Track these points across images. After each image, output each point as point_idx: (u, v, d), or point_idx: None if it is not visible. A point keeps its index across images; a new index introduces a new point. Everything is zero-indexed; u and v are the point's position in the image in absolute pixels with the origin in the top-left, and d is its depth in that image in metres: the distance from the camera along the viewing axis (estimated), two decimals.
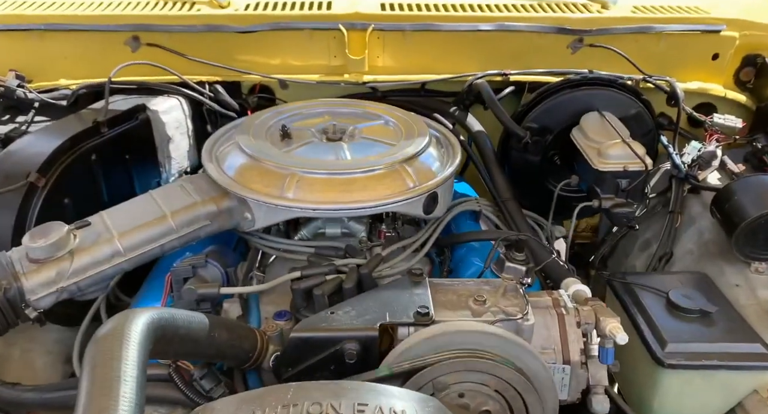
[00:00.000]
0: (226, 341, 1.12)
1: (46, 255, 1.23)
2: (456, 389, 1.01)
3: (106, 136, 1.66)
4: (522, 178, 1.88)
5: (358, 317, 1.11)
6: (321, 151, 1.50)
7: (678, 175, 1.94)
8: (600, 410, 1.21)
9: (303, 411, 0.82)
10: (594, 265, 2.20)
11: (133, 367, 0.82)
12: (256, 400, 0.86)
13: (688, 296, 1.53)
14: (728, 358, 1.38)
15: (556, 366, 1.12)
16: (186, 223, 1.34)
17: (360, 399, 0.85)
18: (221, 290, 1.23)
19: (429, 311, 1.11)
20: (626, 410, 1.33)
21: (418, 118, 1.72)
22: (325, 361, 1.08)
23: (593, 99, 1.76)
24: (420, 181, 1.44)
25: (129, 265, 1.31)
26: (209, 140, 1.63)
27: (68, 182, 1.53)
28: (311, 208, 1.34)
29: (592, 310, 1.18)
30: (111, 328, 0.89)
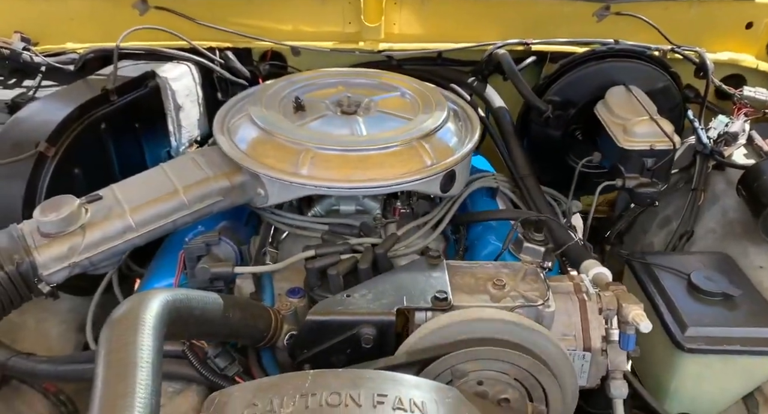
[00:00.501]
0: (240, 321, 1.10)
1: (58, 229, 1.20)
2: (474, 377, 0.99)
3: (115, 104, 1.61)
4: (541, 153, 1.83)
5: (375, 301, 1.09)
6: (335, 125, 1.45)
7: (703, 150, 1.88)
8: (618, 395, 1.19)
9: (321, 401, 0.80)
10: (609, 240, 2.16)
11: (149, 352, 0.80)
12: (273, 388, 0.85)
13: (710, 278, 1.49)
14: (750, 343, 1.35)
15: (576, 353, 1.10)
16: (198, 198, 1.31)
17: (379, 389, 0.84)
18: (235, 269, 1.21)
19: (447, 296, 1.08)
20: (644, 395, 1.31)
21: (436, 90, 1.66)
22: (341, 344, 1.06)
23: (619, 72, 1.68)
24: (438, 158, 1.39)
25: (141, 240, 1.28)
26: (221, 111, 1.59)
27: (78, 152, 1.49)
28: (326, 186, 1.30)
29: (615, 296, 1.15)
30: (126, 311, 0.86)
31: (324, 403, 0.80)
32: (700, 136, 1.88)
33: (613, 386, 1.19)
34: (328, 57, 1.99)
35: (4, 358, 1.33)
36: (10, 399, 1.49)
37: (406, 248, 1.43)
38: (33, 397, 1.52)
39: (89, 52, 1.82)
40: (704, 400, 1.46)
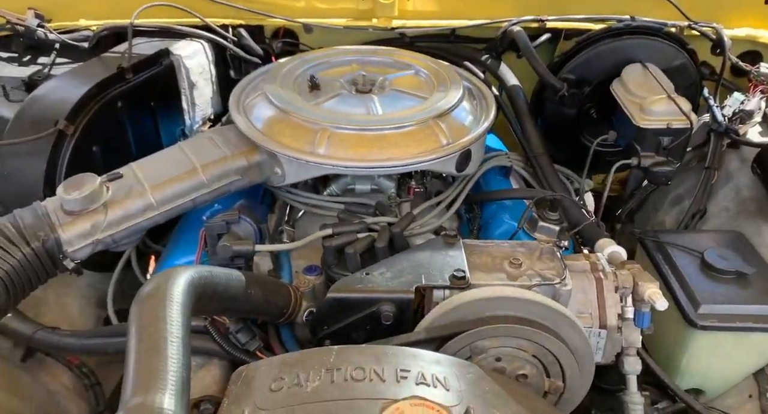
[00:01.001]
0: (261, 297, 1.13)
1: (81, 207, 1.22)
2: (493, 353, 1.01)
3: (131, 82, 1.62)
4: (555, 132, 1.82)
5: (393, 279, 1.10)
6: (351, 104, 1.45)
7: (717, 128, 1.87)
8: (632, 371, 1.22)
9: (347, 375, 0.82)
10: (621, 219, 2.16)
11: (179, 327, 0.82)
12: (299, 363, 0.87)
13: (724, 257, 1.50)
14: (763, 320, 1.37)
15: (592, 330, 1.11)
16: (217, 177, 1.32)
17: (401, 365, 0.86)
18: (256, 248, 1.23)
19: (465, 275, 1.09)
20: (657, 371, 1.33)
21: (450, 68, 1.66)
22: (361, 321, 1.08)
23: (636, 49, 1.67)
24: (453, 138, 1.39)
25: (161, 218, 1.30)
26: (236, 89, 1.59)
27: (96, 130, 1.51)
28: (343, 166, 1.31)
29: (631, 274, 1.16)
30: (154, 287, 0.89)
31: (349, 378, 0.82)
32: (715, 113, 1.87)
33: (627, 362, 1.22)
34: (340, 34, 1.98)
35: (30, 332, 1.37)
36: (35, 371, 1.53)
37: (420, 227, 1.45)
38: (57, 369, 1.57)
39: (103, 30, 1.82)
40: (715, 376, 1.48)
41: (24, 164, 1.44)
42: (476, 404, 0.81)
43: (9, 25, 1.80)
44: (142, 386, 0.73)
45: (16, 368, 1.51)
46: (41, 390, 1.51)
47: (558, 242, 1.20)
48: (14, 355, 1.52)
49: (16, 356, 1.52)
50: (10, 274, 1.12)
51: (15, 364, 1.51)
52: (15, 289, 1.13)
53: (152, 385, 0.73)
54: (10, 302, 1.12)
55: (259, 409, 0.78)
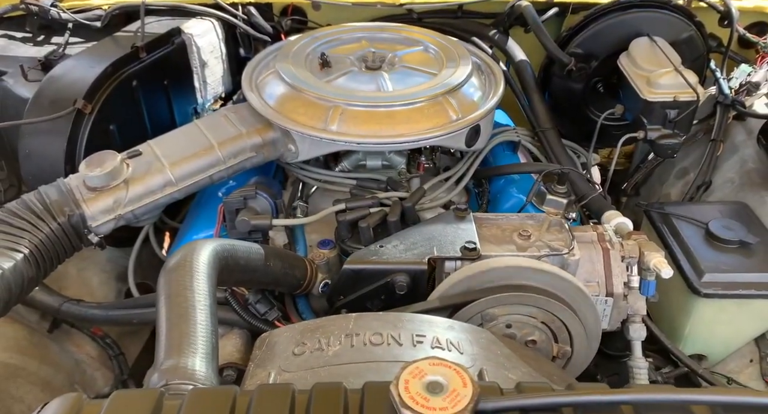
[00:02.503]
0: (279, 270, 1.17)
1: (103, 183, 1.26)
2: (503, 321, 1.06)
3: (145, 61, 1.65)
4: (563, 106, 1.84)
5: (407, 251, 1.15)
6: (362, 81, 1.48)
7: (724, 101, 1.88)
8: (637, 337, 1.26)
9: (365, 340, 0.87)
10: (627, 192, 2.19)
11: (205, 296, 0.87)
12: (319, 329, 0.92)
13: (728, 227, 1.53)
14: (765, 287, 1.41)
15: (599, 298, 1.16)
16: (233, 154, 1.36)
17: (417, 330, 0.90)
18: (273, 222, 1.27)
19: (476, 246, 1.13)
20: (661, 338, 1.38)
21: (459, 43, 1.67)
22: (376, 291, 1.13)
23: (643, 22, 1.68)
24: (463, 113, 1.42)
25: (180, 194, 1.34)
26: (248, 67, 1.62)
27: (113, 109, 1.54)
28: (356, 142, 1.34)
29: (637, 244, 1.20)
30: (180, 259, 0.93)
31: (368, 342, 0.86)
32: (721, 86, 1.88)
33: (632, 329, 1.26)
34: (348, 11, 1.98)
35: (57, 304, 1.43)
36: (61, 341, 1.60)
37: (431, 202, 1.48)
38: (82, 339, 1.63)
39: (115, 9, 1.83)
40: (717, 342, 1.53)
41: (45, 143, 1.48)
42: (489, 366, 0.86)
43: (23, 5, 1.82)
44: (174, 350, 0.78)
45: (45, 338, 1.58)
46: (69, 359, 1.57)
47: (565, 214, 1.24)
48: (42, 327, 1.59)
49: (44, 328, 1.59)
50: (39, 247, 1.17)
51: (44, 335, 1.58)
52: (44, 262, 1.18)
53: (184, 349, 0.78)
54: (40, 275, 1.17)
55: (283, 371, 0.83)
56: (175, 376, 0.73)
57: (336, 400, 0.67)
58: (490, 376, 0.83)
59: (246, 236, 1.28)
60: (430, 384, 0.66)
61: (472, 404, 0.63)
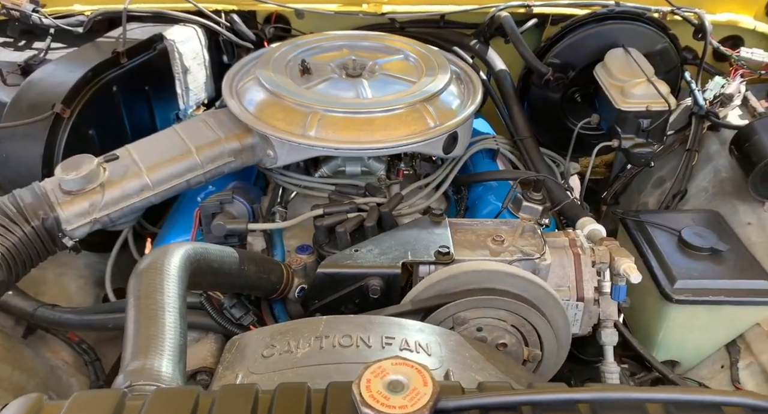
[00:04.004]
0: (255, 274, 1.18)
1: (79, 187, 1.26)
2: (474, 324, 1.07)
3: (126, 66, 1.65)
4: (541, 115, 1.87)
5: (381, 255, 1.16)
6: (341, 88, 1.49)
7: (698, 112, 1.92)
8: (609, 342, 1.28)
9: (335, 342, 0.88)
10: (606, 201, 2.22)
11: (175, 298, 0.87)
12: (289, 332, 0.92)
13: (700, 235, 1.56)
14: (734, 293, 1.43)
15: (570, 302, 1.17)
16: (211, 158, 1.37)
17: (387, 333, 0.91)
18: (249, 226, 1.28)
19: (449, 250, 1.15)
20: (633, 343, 1.39)
21: (439, 52, 1.70)
22: (350, 295, 1.14)
23: (619, 34, 1.71)
24: (441, 120, 1.44)
25: (157, 198, 1.35)
26: (229, 73, 1.63)
27: (92, 113, 1.55)
28: (333, 147, 1.35)
29: (608, 250, 1.22)
30: (151, 261, 0.93)
31: (337, 344, 0.87)
32: (696, 97, 1.92)
33: (604, 334, 1.28)
34: (331, 20, 2.01)
35: (31, 309, 1.42)
36: (36, 347, 1.58)
37: (409, 208, 1.50)
38: (58, 345, 1.62)
39: (97, 15, 1.84)
40: (690, 348, 1.55)
41: (22, 147, 1.48)
42: (456, 368, 0.87)
43: (4, 10, 1.83)
44: (141, 351, 0.78)
45: (19, 344, 1.56)
46: (44, 365, 1.56)
47: (539, 220, 1.26)
48: (16, 332, 1.57)
49: (18, 333, 1.57)
50: (11, 250, 1.16)
51: (18, 340, 1.57)
52: (16, 266, 1.17)
53: (151, 351, 0.78)
54: (11, 278, 1.17)
55: (251, 373, 0.83)
56: (140, 377, 0.73)
57: (299, 400, 0.68)
58: (456, 377, 0.85)
59: (222, 241, 1.28)
60: (391, 383, 0.67)
61: (431, 402, 0.64)
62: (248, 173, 1.66)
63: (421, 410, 0.63)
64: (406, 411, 0.63)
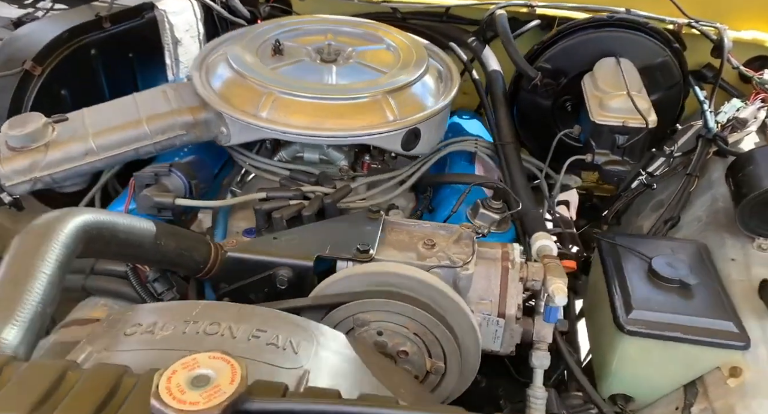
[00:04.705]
0: (174, 250, 1.15)
1: (23, 144, 1.27)
2: (375, 327, 1.01)
3: (107, 31, 1.66)
4: (530, 122, 1.78)
5: (299, 246, 1.12)
6: (308, 71, 1.45)
7: (706, 135, 1.79)
8: (539, 365, 1.21)
9: (200, 329, 0.84)
10: (607, 220, 2.12)
11: (50, 263, 0.85)
12: (165, 312, 0.89)
13: (671, 265, 1.45)
14: (694, 332, 1.32)
15: (491, 317, 1.10)
16: (160, 130, 1.35)
17: (261, 325, 0.87)
18: (177, 201, 1.25)
19: (369, 248, 1.10)
20: (573, 370, 1.31)
21: (423, 46, 1.63)
22: (259, 283, 1.10)
23: (616, 43, 1.60)
24: (402, 115, 1.38)
25: (102, 164, 1.34)
26: (205, 47, 1.61)
27: (65, 74, 1.56)
28: (281, 131, 1.32)
29: (543, 267, 1.15)
30: (42, 222, 0.92)
31: (201, 331, 0.84)
32: (707, 119, 1.79)
33: (535, 356, 1.21)
34: (333, 5, 1.97)
35: None
36: None
37: (364, 202, 1.45)
38: None
39: None
40: (644, 383, 1.45)
41: None
42: (321, 371, 0.82)
43: None
44: None
45: None
46: None
47: (476, 228, 1.19)
48: None
49: None
50: None
51: None
52: None
53: None
54: None
55: (103, 350, 0.81)
56: None
57: (106, 383, 0.65)
58: (313, 380, 0.80)
59: (155, 214, 1.27)
60: (197, 377, 0.63)
61: (228, 402, 0.60)
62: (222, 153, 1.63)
63: (211, 409, 0.59)
64: (196, 408, 0.59)
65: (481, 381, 1.42)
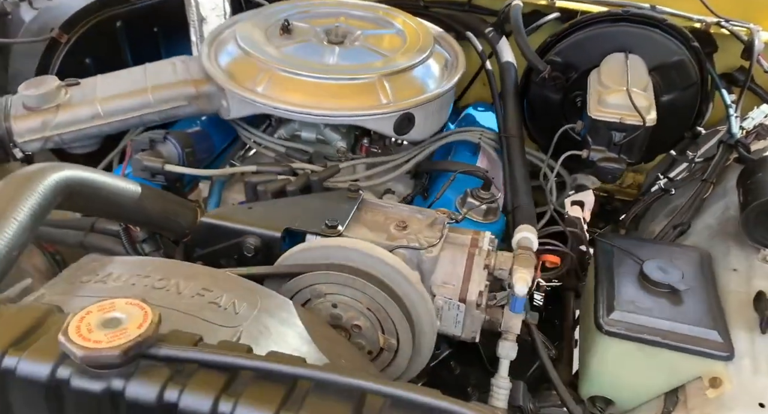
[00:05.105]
0: (159, 213, 1.21)
1: (36, 104, 1.36)
2: (330, 299, 1.04)
3: (134, 5, 1.74)
4: (540, 116, 1.75)
5: (271, 217, 1.15)
6: (311, 52, 1.48)
7: (727, 140, 1.72)
8: (503, 355, 1.21)
9: (150, 282, 0.89)
10: (625, 224, 2.07)
11: (22, 211, 0.92)
12: (127, 265, 0.95)
13: (663, 269, 1.41)
14: (674, 338, 1.29)
15: (452, 302, 1.11)
16: (164, 100, 1.42)
17: (210, 285, 0.91)
18: (166, 167, 1.31)
19: (337, 224, 1.12)
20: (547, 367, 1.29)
21: (430, 33, 1.63)
22: (228, 249, 1.14)
23: (630, 38, 1.56)
24: (396, 98, 1.39)
25: (110, 129, 1.42)
26: (222, 24, 1.67)
27: (90, 43, 1.65)
28: (273, 106, 1.35)
29: (511, 257, 1.14)
30: (24, 173, 0.99)
31: (149, 285, 0.88)
32: (731, 124, 1.72)
33: (502, 346, 1.21)
34: None
35: None
36: None
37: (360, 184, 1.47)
38: (32, 251, 1.76)
39: None
40: (624, 387, 1.42)
41: (24, 64, 1.62)
42: (256, 333, 0.85)
43: None
44: None
45: None
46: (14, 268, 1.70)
47: (451, 214, 1.19)
48: None
49: None
50: None
51: None
52: None
53: None
54: None
55: (55, 294, 0.86)
56: None
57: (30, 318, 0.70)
58: (245, 340, 0.83)
59: (148, 177, 1.33)
60: (109, 319, 0.67)
61: (130, 345, 0.64)
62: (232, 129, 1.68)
63: (112, 349, 0.63)
64: (98, 346, 0.63)
65: (456, 368, 1.43)
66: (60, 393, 0.64)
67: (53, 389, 0.64)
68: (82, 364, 0.63)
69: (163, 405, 0.63)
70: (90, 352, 0.61)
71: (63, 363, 0.64)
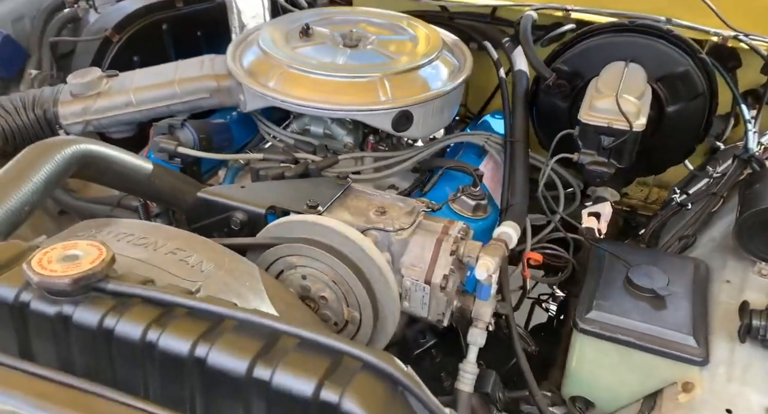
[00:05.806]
0: (168, 190, 1.35)
1: (80, 91, 1.55)
2: (300, 271, 1.14)
3: (179, 10, 1.94)
4: (548, 124, 1.79)
5: (259, 196, 1.27)
6: (324, 53, 1.60)
7: (741, 155, 1.70)
8: (471, 342, 1.26)
9: (132, 240, 1.02)
10: (645, 239, 2.06)
11: (40, 173, 1.08)
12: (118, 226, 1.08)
13: (649, 275, 1.43)
14: (649, 340, 1.30)
15: (418, 283, 1.18)
16: (189, 92, 1.58)
17: (185, 247, 1.03)
18: (178, 149, 1.46)
19: (317, 205, 1.22)
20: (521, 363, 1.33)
21: (440, 39, 1.71)
22: (219, 223, 1.27)
23: (634, 48, 1.58)
24: (395, 97, 1.49)
25: (141, 116, 1.59)
26: (249, 29, 1.82)
27: (138, 43, 1.86)
28: (280, 99, 1.48)
29: (480, 245, 1.20)
30: (47, 142, 1.16)
31: (131, 242, 1.01)
32: (748, 139, 1.70)
33: (471, 333, 1.27)
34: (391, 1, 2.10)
35: None
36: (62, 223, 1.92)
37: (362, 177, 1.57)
38: None
39: None
40: (603, 388, 1.43)
41: (83, 61, 1.84)
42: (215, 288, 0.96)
43: None
44: None
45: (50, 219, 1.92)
46: None
47: (429, 203, 1.27)
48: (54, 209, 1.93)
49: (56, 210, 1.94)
50: (12, 128, 1.49)
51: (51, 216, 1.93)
52: (14, 140, 1.49)
53: None
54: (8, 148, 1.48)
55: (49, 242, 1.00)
56: None
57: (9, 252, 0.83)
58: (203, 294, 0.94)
59: (167, 159, 1.49)
60: (69, 255, 0.79)
61: (80, 276, 0.75)
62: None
63: (63, 278, 0.74)
64: (52, 275, 0.75)
65: (437, 356, 1.49)
66: (23, 314, 0.77)
67: (18, 310, 0.77)
68: (41, 290, 0.75)
69: (102, 330, 0.75)
70: (44, 278, 0.74)
71: (26, 289, 0.77)
